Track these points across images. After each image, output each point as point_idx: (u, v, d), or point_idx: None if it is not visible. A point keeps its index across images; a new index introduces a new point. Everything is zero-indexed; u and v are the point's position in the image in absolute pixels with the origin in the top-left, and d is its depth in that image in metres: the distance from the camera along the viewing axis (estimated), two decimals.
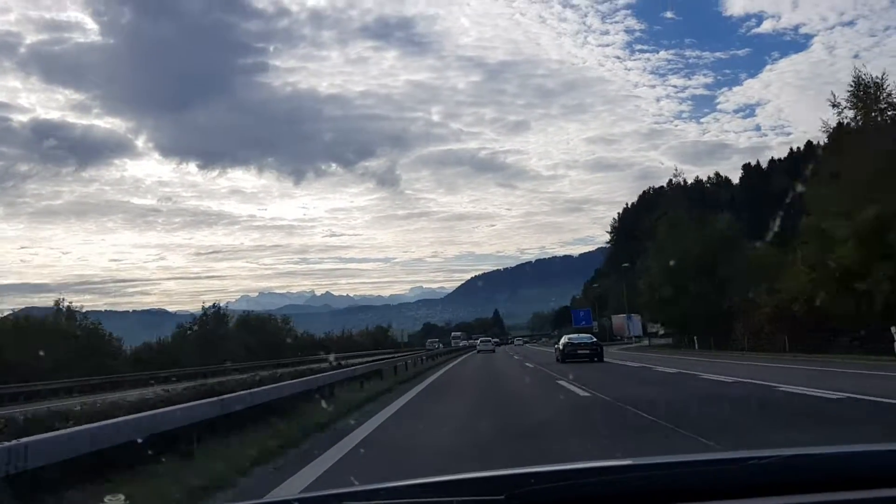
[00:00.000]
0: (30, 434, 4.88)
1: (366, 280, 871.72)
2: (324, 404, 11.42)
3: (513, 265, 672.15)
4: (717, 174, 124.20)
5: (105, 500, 4.41)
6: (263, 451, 6.99)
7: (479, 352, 56.98)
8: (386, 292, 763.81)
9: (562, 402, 12.74)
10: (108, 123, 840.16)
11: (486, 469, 1.65)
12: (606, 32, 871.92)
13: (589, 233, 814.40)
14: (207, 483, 5.51)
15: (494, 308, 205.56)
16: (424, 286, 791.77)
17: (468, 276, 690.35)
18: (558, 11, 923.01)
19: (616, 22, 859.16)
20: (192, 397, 8.22)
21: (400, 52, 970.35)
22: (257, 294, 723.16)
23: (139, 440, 5.72)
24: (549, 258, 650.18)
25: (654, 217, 59.90)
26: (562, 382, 16.81)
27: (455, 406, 13.02)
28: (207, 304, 58.78)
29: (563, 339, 31.53)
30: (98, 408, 7.18)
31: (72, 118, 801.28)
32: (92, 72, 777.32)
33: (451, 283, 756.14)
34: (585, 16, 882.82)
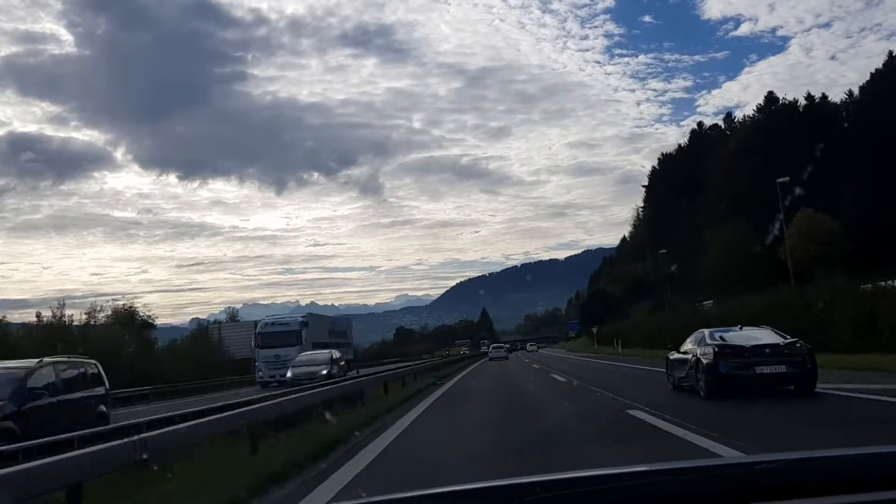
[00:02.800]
0: None
1: (351, 289, 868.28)
2: None
3: (498, 270, 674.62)
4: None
5: None
6: None
7: (491, 359, 54.14)
8: (371, 301, 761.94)
9: None
10: (86, 136, 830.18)
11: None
12: (586, 37, 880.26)
13: (573, 237, 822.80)
14: None
15: (482, 308, 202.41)
16: (410, 294, 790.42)
17: (453, 283, 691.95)
18: (537, 17, 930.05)
19: (595, 27, 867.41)
20: None
21: (380, 60, 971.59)
22: (241, 305, 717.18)
23: None
24: (534, 263, 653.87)
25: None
26: None
27: None
28: (192, 317, 50.04)
29: (704, 337, 13.23)
30: None
31: (49, 131, 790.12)
32: (68, 83, 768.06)
33: (436, 290, 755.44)
34: (564, 21, 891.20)
